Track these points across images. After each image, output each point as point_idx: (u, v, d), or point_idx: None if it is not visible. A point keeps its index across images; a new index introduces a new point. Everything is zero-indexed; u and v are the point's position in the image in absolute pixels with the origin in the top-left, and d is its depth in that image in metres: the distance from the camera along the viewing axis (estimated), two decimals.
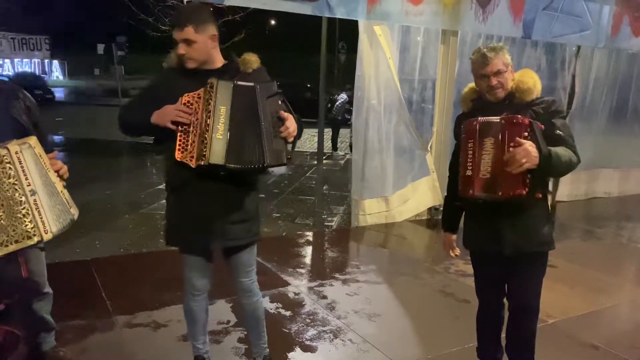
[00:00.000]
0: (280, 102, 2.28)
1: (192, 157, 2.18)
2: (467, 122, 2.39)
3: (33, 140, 1.89)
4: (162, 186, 8.79)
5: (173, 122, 2.21)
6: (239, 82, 2.20)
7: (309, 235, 5.73)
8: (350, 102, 11.91)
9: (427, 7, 5.59)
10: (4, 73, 30.63)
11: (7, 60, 32.24)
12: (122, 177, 9.81)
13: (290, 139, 2.29)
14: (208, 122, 2.15)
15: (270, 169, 2.34)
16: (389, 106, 5.88)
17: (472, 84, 2.59)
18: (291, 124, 2.27)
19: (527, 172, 2.22)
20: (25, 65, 34.42)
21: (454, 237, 2.73)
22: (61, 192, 1.88)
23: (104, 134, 14.76)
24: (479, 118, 2.35)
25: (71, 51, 37.75)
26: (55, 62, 37.40)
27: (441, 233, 2.80)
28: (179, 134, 2.22)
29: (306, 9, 4.98)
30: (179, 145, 2.21)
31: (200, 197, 2.32)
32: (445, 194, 2.78)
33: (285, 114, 2.27)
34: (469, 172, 2.34)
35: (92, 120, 18.55)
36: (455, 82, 6.13)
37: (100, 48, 18.37)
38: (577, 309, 3.90)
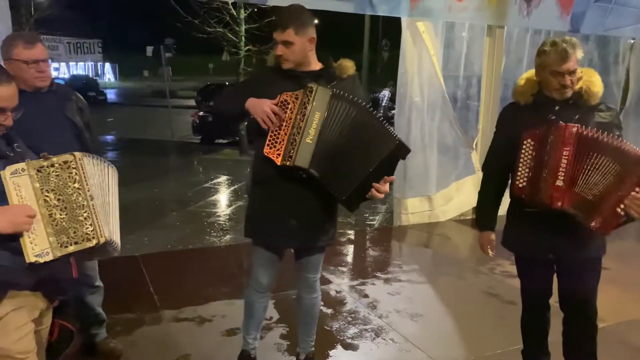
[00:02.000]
0: (395, 161, 2.29)
1: (279, 154, 2.23)
2: (562, 125, 2.19)
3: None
4: (208, 184, 9.03)
5: (265, 120, 2.25)
6: (352, 97, 2.24)
7: (351, 233, 5.73)
8: (392, 98, 11.81)
9: (471, 3, 5.49)
10: (60, 76, 32.06)
11: (62, 64, 33.71)
12: (170, 176, 10.09)
13: (370, 197, 2.29)
14: (300, 124, 2.20)
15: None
16: (432, 103, 5.80)
17: (530, 75, 2.41)
18: (386, 189, 2.27)
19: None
20: (80, 68, 35.90)
21: (494, 235, 2.63)
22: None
23: (152, 134, 15.24)
24: (587, 129, 2.16)
25: (122, 54, 39.13)
26: (107, 65, 38.82)
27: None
28: (270, 130, 2.26)
29: (348, 7, 4.98)
30: (269, 140, 2.26)
31: (281, 195, 2.35)
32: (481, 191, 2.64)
33: (390, 179, 2.27)
34: (559, 183, 2.19)
35: (142, 120, 19.17)
36: (502, 78, 5.99)
37: (149, 50, 18.90)
38: (631, 313, 3.74)
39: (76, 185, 1.78)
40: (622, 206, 2.09)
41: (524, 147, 2.29)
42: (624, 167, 2.10)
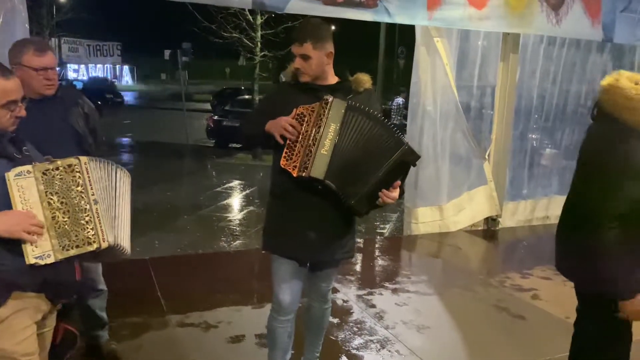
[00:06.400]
0: (406, 167, 2.29)
1: (295, 166, 2.23)
2: None
3: None
4: (221, 189, 9.08)
5: (283, 134, 2.27)
6: (367, 108, 2.25)
7: (360, 242, 5.69)
8: (405, 106, 11.74)
9: (492, 12, 5.35)
10: (79, 78, 32.56)
11: (82, 66, 34.23)
12: (183, 179, 10.17)
13: (380, 204, 2.30)
14: (316, 136, 2.21)
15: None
16: (445, 113, 5.76)
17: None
18: (395, 196, 2.27)
19: None
20: (99, 70, 36.43)
21: None
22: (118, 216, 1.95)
23: (168, 137, 15.38)
24: None
25: (140, 57, 39.62)
26: (126, 68, 39.35)
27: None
28: (287, 143, 2.28)
29: (366, 16, 4.94)
30: (285, 153, 2.28)
31: (298, 207, 2.35)
32: (611, 246, 2.08)
33: (398, 184, 2.27)
34: None
35: (157, 123, 19.35)
36: (517, 88, 5.93)
37: (167, 54, 19.10)
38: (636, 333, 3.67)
39: (79, 189, 1.79)
40: None
41: None
42: None
